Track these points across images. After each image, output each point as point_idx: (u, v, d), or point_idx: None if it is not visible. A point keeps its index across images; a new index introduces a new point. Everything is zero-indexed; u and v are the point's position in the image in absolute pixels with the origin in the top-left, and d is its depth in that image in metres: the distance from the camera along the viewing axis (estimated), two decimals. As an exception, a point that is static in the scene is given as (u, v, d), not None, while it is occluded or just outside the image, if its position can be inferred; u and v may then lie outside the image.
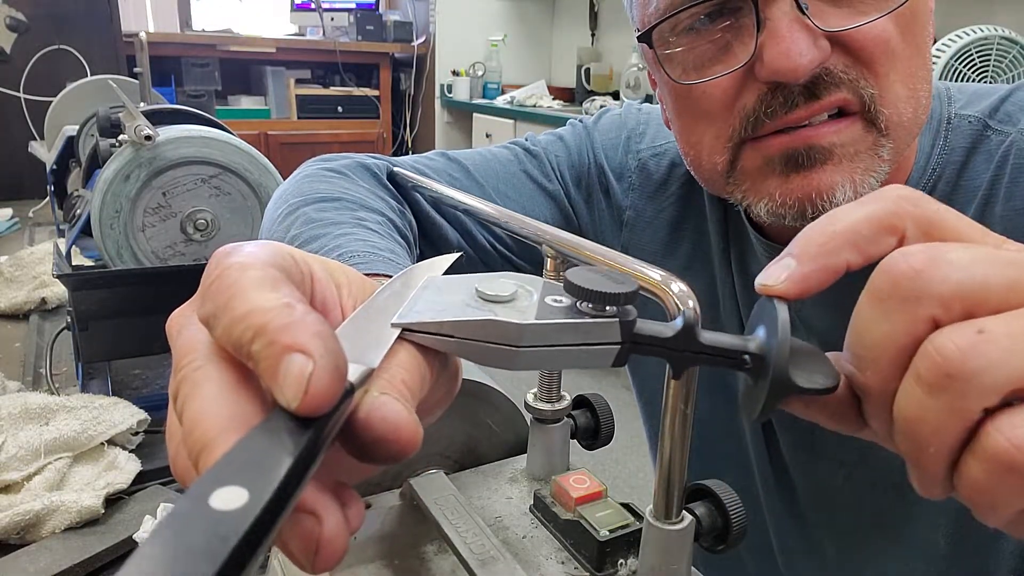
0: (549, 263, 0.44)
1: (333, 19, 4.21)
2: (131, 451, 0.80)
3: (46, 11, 2.47)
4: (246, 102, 4.00)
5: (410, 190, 0.66)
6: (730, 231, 0.66)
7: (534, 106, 3.57)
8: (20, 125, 2.36)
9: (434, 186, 0.61)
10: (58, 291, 1.28)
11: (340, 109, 4.11)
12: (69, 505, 0.68)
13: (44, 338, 1.16)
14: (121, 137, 0.95)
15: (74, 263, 1.09)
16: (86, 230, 0.97)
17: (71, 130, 1.42)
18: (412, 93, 4.30)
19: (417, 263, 0.34)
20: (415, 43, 4.18)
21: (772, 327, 0.26)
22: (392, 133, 4.31)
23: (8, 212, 1.85)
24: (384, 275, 0.35)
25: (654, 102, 0.70)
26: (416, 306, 0.27)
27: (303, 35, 4.29)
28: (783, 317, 0.26)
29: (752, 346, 0.27)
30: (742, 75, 0.51)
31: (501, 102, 3.69)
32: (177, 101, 2.11)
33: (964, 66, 1.77)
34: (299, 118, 4.00)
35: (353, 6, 4.22)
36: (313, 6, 4.14)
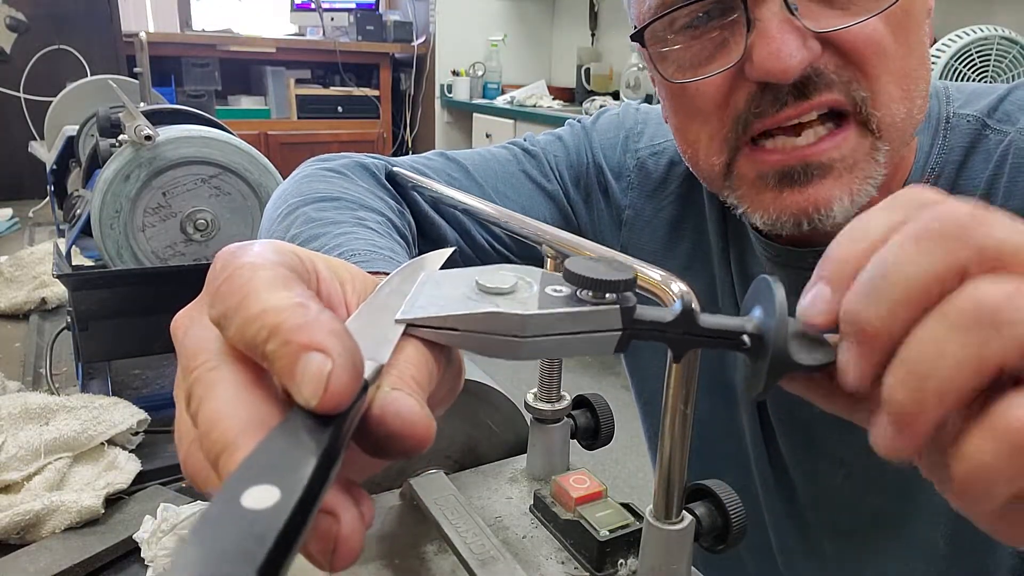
0: (549, 263, 0.44)
1: (333, 19, 4.21)
2: (131, 451, 0.80)
3: (46, 11, 2.47)
4: (246, 102, 4.00)
5: (409, 190, 0.66)
6: (729, 230, 0.66)
7: (534, 106, 3.57)
8: (20, 125, 2.36)
9: (433, 186, 0.61)
10: (58, 291, 1.28)
11: (340, 109, 4.11)
12: (69, 505, 0.68)
13: (44, 338, 1.16)
14: (121, 137, 0.95)
15: (74, 263, 1.09)
16: (86, 230, 0.97)
17: (71, 130, 1.42)
18: (412, 93, 4.30)
19: (412, 259, 0.34)
20: (415, 43, 4.18)
21: (769, 307, 0.27)
22: (392, 133, 4.31)
23: (8, 212, 1.85)
24: (385, 273, 0.35)
25: (654, 102, 0.70)
26: (418, 301, 0.27)
27: (303, 35, 4.29)
28: (780, 296, 0.26)
29: (750, 326, 0.27)
30: (733, 75, 0.51)
31: (501, 102, 3.69)
32: (177, 101, 2.12)
33: (964, 66, 1.77)
34: (299, 118, 4.00)
35: (353, 6, 4.22)
36: (313, 6, 4.14)
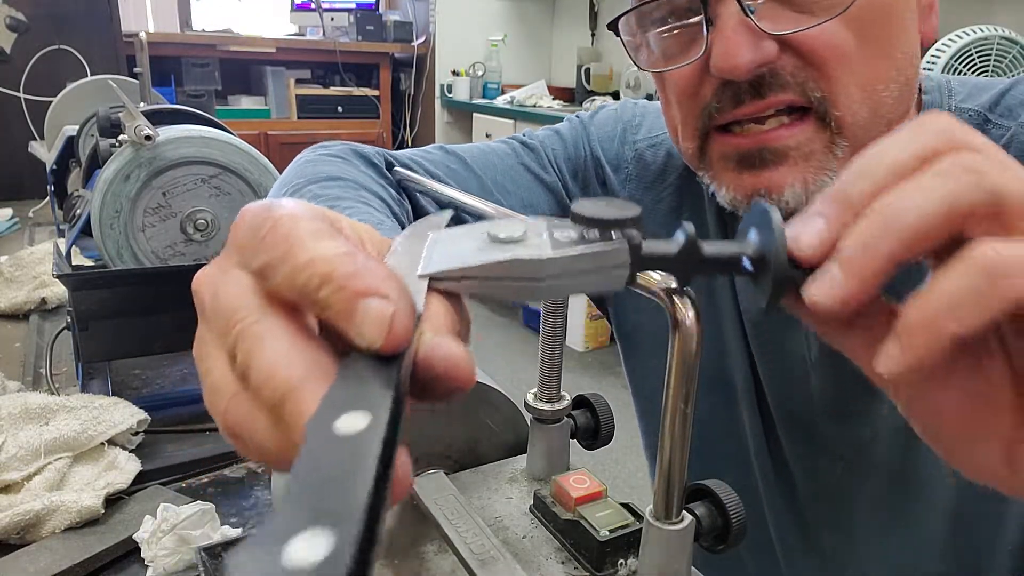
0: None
1: (333, 19, 4.21)
2: (131, 451, 0.80)
3: (46, 11, 2.47)
4: (246, 102, 4.00)
5: (411, 191, 0.67)
6: (727, 218, 0.67)
7: (534, 106, 3.57)
8: (20, 125, 2.36)
9: (433, 186, 0.61)
10: (58, 291, 1.28)
11: (340, 109, 4.11)
12: (69, 505, 0.68)
13: (44, 338, 1.16)
14: (121, 137, 0.95)
15: (74, 263, 1.10)
16: (86, 230, 0.97)
17: (71, 130, 1.42)
18: (412, 93, 4.30)
19: (416, 221, 0.35)
20: (415, 43, 4.18)
21: (766, 228, 0.28)
22: (392, 133, 4.31)
23: (8, 212, 1.85)
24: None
25: (654, 100, 0.70)
26: (435, 257, 0.28)
27: (303, 35, 4.29)
28: (777, 218, 0.28)
29: (750, 249, 0.29)
30: (701, 68, 0.53)
31: (501, 102, 3.69)
32: (177, 101, 2.11)
33: (964, 66, 1.77)
34: (299, 118, 4.00)
35: (353, 6, 4.22)
36: (313, 6, 4.14)
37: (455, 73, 4.10)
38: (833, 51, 0.49)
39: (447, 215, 0.34)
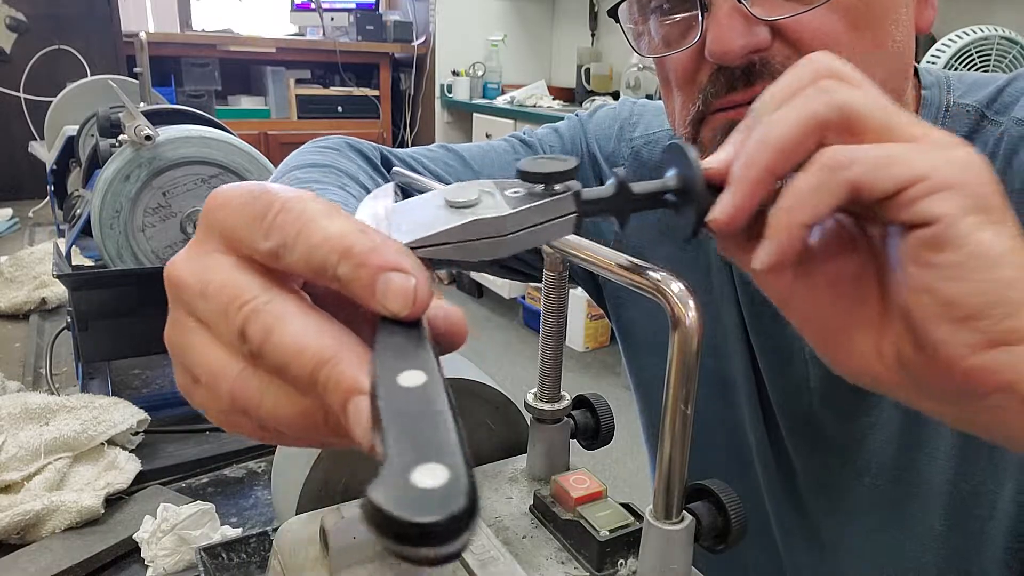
0: (548, 262, 0.44)
1: (333, 19, 4.21)
2: (131, 451, 0.80)
3: (46, 11, 2.47)
4: (246, 102, 4.00)
5: (410, 189, 0.67)
6: None
7: (534, 106, 3.57)
8: (20, 125, 2.36)
9: (426, 183, 0.61)
10: (58, 291, 1.28)
11: (340, 109, 4.11)
12: (69, 505, 0.69)
13: (44, 338, 1.16)
14: (121, 137, 0.95)
15: (74, 263, 1.09)
16: (86, 230, 0.97)
17: (71, 130, 1.42)
18: (412, 93, 4.30)
19: (364, 197, 0.37)
20: (415, 43, 4.18)
21: (684, 164, 0.33)
22: (392, 133, 4.31)
23: (8, 212, 1.85)
24: None
25: (654, 99, 0.71)
26: (404, 227, 0.30)
27: (303, 35, 4.28)
28: (693, 153, 0.32)
29: (673, 183, 0.33)
30: (698, 53, 0.54)
31: (501, 102, 3.69)
32: (177, 101, 2.12)
33: (964, 66, 1.77)
34: (299, 118, 4.00)
35: (353, 6, 4.22)
36: (313, 6, 4.14)
37: (455, 73, 4.10)
38: (823, 39, 0.50)
39: (390, 187, 0.36)
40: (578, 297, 3.12)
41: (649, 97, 3.07)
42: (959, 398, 0.31)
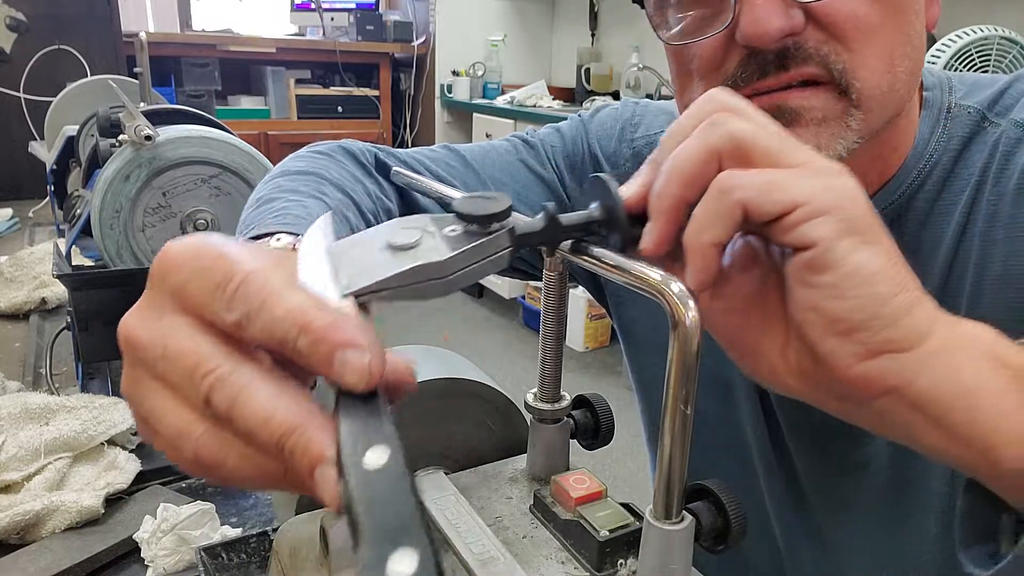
0: (548, 262, 0.44)
1: (333, 19, 4.21)
2: (131, 451, 0.80)
3: (46, 11, 2.47)
4: (246, 102, 4.00)
5: (410, 189, 0.67)
6: None
7: (534, 106, 3.57)
8: (20, 125, 2.36)
9: (428, 184, 0.61)
10: (58, 291, 1.28)
11: (340, 109, 4.10)
12: (69, 505, 0.68)
13: (44, 338, 1.16)
14: (121, 137, 0.95)
15: (74, 263, 1.10)
16: (86, 230, 0.97)
17: (71, 130, 1.42)
18: (412, 93, 4.30)
19: (300, 238, 0.38)
20: (415, 43, 4.18)
21: (606, 195, 0.36)
22: (392, 133, 4.31)
23: (8, 212, 1.85)
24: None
25: (655, 99, 0.71)
26: (347, 271, 0.30)
27: (303, 35, 4.28)
28: (615, 187, 0.36)
29: (597, 214, 0.36)
30: (727, 39, 0.53)
31: (501, 102, 3.69)
32: (177, 101, 2.12)
33: (964, 66, 1.77)
34: (299, 118, 4.00)
35: (353, 6, 4.22)
36: (313, 6, 4.14)
37: (455, 73, 4.10)
38: (857, 23, 0.50)
39: (326, 221, 0.37)
40: (578, 297, 3.12)
41: (649, 97, 3.08)
42: (856, 403, 0.35)
